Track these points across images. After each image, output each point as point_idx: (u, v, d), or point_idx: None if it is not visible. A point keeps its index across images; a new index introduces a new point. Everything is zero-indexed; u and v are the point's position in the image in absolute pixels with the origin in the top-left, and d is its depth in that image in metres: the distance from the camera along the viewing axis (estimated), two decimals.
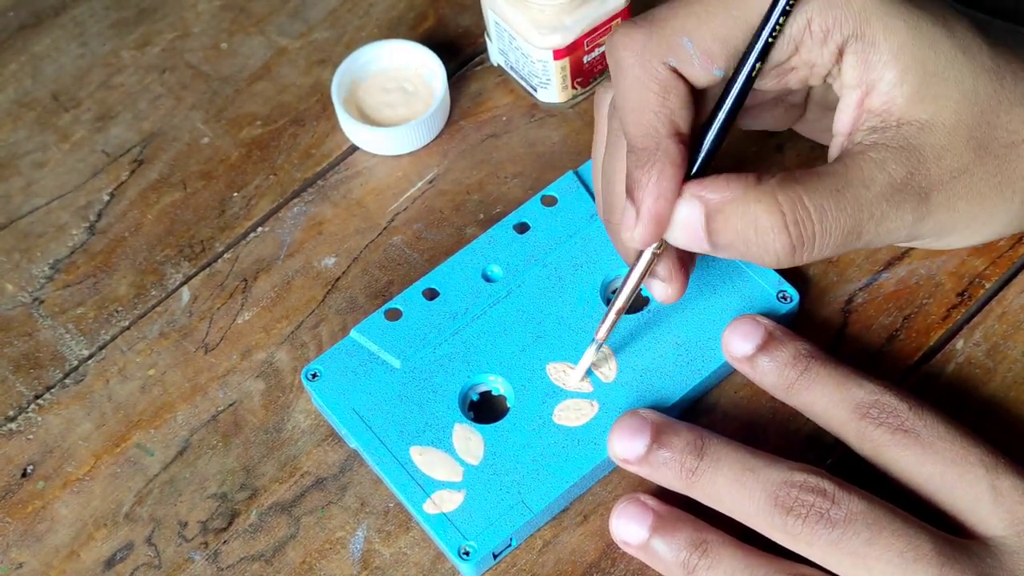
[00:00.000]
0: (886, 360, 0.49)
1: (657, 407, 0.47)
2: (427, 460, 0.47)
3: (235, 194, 0.56)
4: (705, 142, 0.44)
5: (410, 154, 0.56)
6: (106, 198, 0.56)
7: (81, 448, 0.50)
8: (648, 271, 0.45)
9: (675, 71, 0.44)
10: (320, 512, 0.48)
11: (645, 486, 0.47)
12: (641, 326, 0.49)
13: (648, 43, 0.44)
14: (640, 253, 0.45)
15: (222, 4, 0.62)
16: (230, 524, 0.48)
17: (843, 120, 0.45)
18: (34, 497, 0.49)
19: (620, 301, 0.46)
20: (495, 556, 0.46)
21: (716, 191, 0.42)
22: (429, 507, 0.46)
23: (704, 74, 0.44)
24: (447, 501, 0.46)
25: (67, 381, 0.52)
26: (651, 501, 0.45)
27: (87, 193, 0.57)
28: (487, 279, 0.51)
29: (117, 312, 0.53)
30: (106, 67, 0.60)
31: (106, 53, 0.61)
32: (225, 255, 0.54)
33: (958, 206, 0.44)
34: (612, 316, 0.47)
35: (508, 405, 0.48)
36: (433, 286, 0.51)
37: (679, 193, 0.43)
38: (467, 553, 0.45)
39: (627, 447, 0.45)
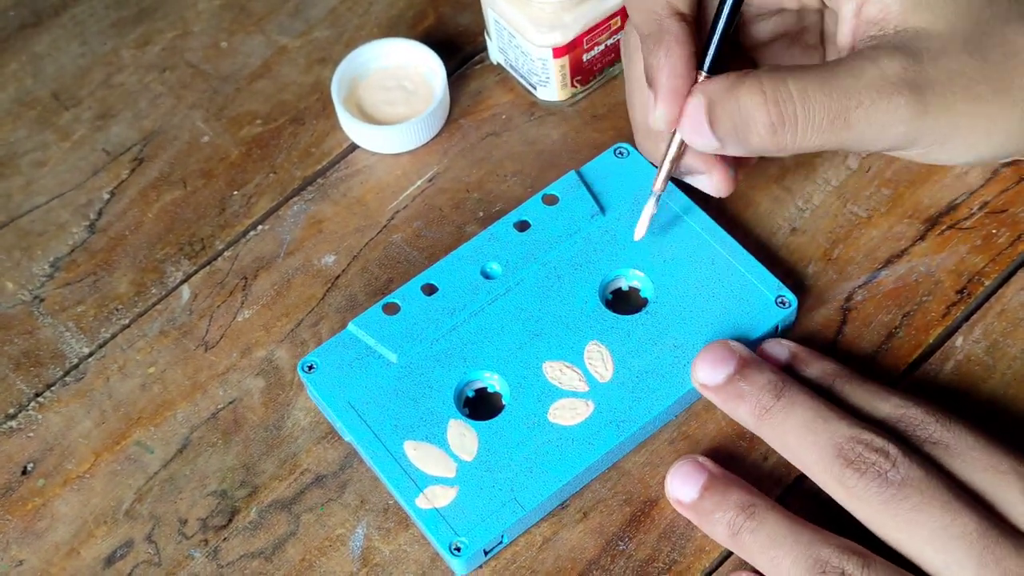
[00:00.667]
0: (885, 358, 0.49)
1: (652, 409, 0.47)
2: (421, 455, 0.47)
3: (235, 192, 0.56)
4: (714, 35, 0.46)
5: (410, 152, 0.56)
6: (106, 196, 0.57)
7: (81, 446, 0.50)
8: (679, 154, 0.47)
9: None
10: (320, 509, 0.48)
11: (645, 489, 0.47)
12: (639, 327, 0.49)
13: None
14: (670, 143, 0.47)
15: (222, 3, 0.62)
16: (230, 521, 0.48)
17: (843, 33, 0.46)
18: (34, 495, 0.49)
19: (659, 182, 0.48)
20: (486, 553, 0.46)
21: (716, 83, 0.44)
22: (421, 502, 0.46)
23: None
24: (439, 496, 0.46)
25: (67, 379, 0.52)
26: (707, 463, 0.46)
27: (87, 191, 0.57)
28: (486, 276, 0.51)
29: (117, 310, 0.53)
30: (106, 66, 0.60)
31: (106, 52, 0.61)
32: (225, 253, 0.55)
33: (956, 107, 0.44)
34: (663, 174, 0.48)
35: (503, 402, 0.49)
36: (432, 282, 0.51)
37: (692, 69, 0.45)
38: (458, 549, 0.45)
39: (710, 373, 0.46)
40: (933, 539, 0.41)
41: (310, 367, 0.49)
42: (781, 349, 0.48)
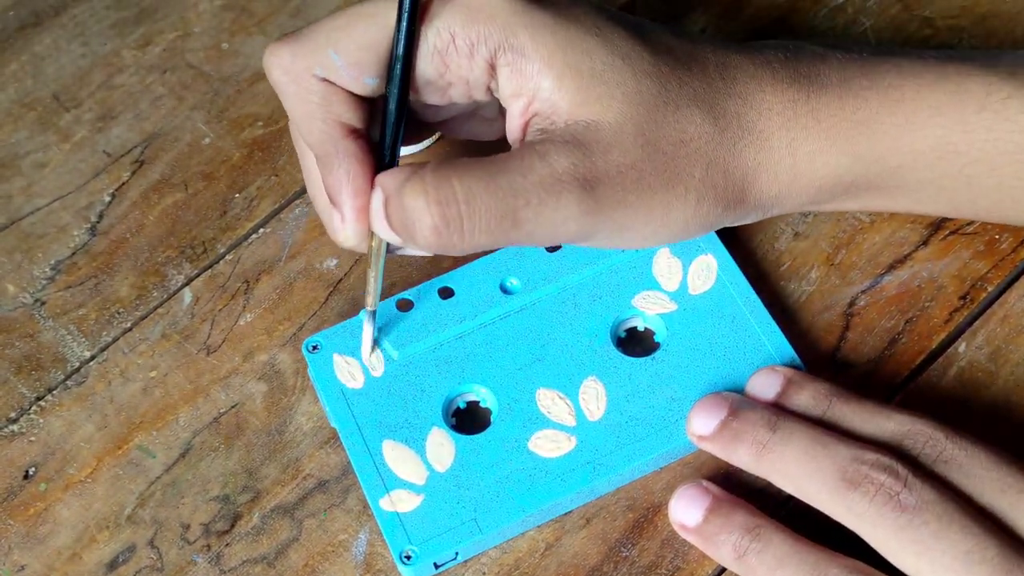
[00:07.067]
0: (888, 364, 0.49)
1: (633, 457, 0.46)
2: (396, 456, 0.47)
3: (237, 195, 0.56)
4: (385, 139, 0.45)
5: (412, 155, 0.56)
6: (107, 199, 0.56)
7: (83, 450, 0.50)
8: (385, 252, 0.46)
9: (328, 81, 0.44)
10: (322, 515, 0.48)
11: (648, 495, 0.47)
12: (641, 372, 0.48)
13: (295, 59, 0.44)
14: (371, 246, 0.46)
15: (223, 4, 0.62)
16: (232, 527, 0.48)
17: (513, 128, 0.45)
18: (36, 499, 0.49)
19: (370, 299, 0.48)
20: (437, 567, 0.46)
21: (391, 178, 0.43)
22: (385, 503, 0.46)
23: (355, 84, 0.45)
24: (404, 501, 0.46)
25: (69, 383, 0.52)
26: (711, 486, 0.45)
27: (88, 194, 0.57)
28: (504, 290, 0.50)
29: (119, 313, 0.53)
30: (107, 67, 0.60)
31: (107, 53, 0.61)
32: (227, 256, 0.54)
33: (628, 200, 0.44)
34: (372, 291, 0.48)
35: (490, 421, 0.48)
36: (450, 285, 0.50)
37: (371, 181, 0.44)
38: (408, 557, 0.45)
39: (704, 422, 0.45)
40: (955, 566, 0.40)
41: (314, 347, 0.49)
42: (775, 376, 0.46)
